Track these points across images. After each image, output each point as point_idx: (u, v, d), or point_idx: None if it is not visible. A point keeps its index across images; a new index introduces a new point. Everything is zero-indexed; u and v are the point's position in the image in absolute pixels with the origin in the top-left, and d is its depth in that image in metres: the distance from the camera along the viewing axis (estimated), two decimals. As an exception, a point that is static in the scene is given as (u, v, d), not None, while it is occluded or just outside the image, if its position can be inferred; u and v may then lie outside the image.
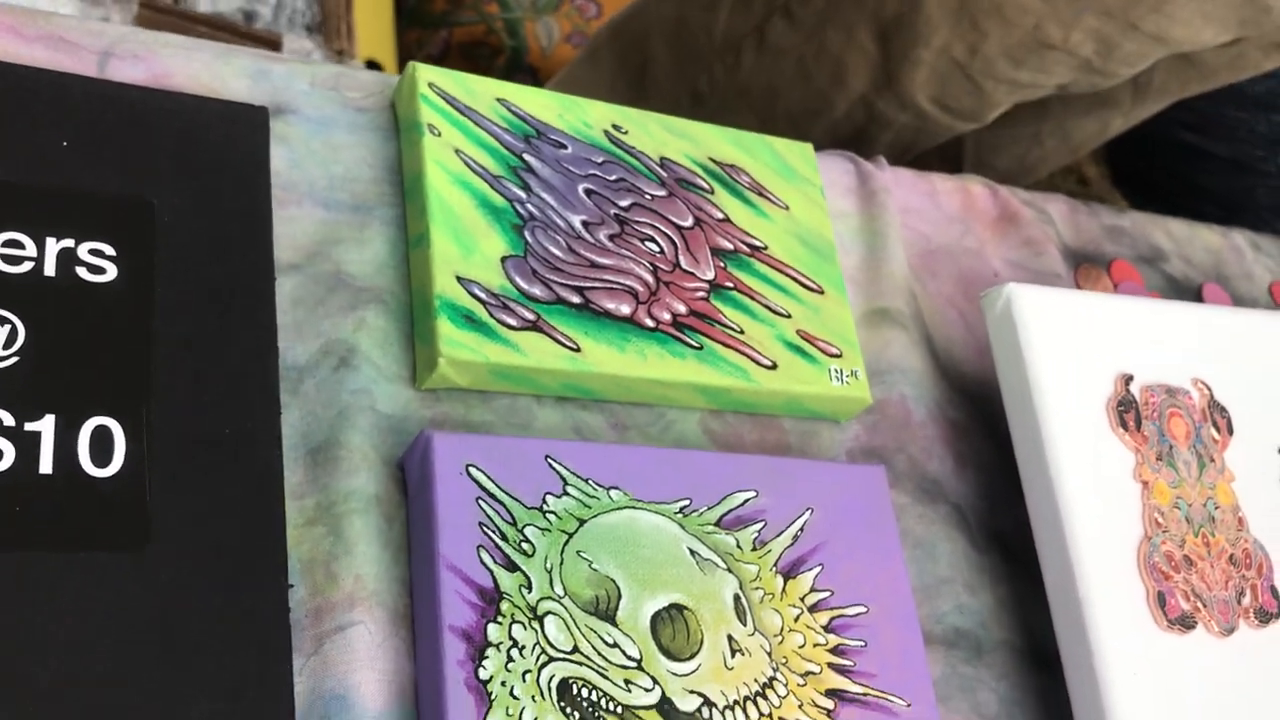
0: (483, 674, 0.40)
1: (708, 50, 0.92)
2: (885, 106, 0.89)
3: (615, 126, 0.55)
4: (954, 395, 0.60)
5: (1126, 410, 0.56)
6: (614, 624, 0.43)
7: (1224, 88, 1.29)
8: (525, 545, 0.43)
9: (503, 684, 0.40)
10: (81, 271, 0.42)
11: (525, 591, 0.42)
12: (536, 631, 0.42)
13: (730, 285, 0.54)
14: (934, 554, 0.55)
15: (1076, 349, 0.56)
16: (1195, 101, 1.31)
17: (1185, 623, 0.53)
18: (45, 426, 0.39)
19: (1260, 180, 1.30)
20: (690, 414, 0.53)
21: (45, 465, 0.39)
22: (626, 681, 0.42)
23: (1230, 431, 0.59)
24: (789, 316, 0.54)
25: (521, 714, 0.40)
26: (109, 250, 0.43)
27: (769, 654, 0.46)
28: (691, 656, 0.44)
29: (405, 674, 0.41)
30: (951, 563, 0.55)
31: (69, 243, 0.43)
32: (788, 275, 0.55)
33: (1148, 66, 0.82)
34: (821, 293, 0.56)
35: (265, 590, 0.40)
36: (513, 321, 0.47)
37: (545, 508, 0.44)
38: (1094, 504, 0.53)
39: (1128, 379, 0.56)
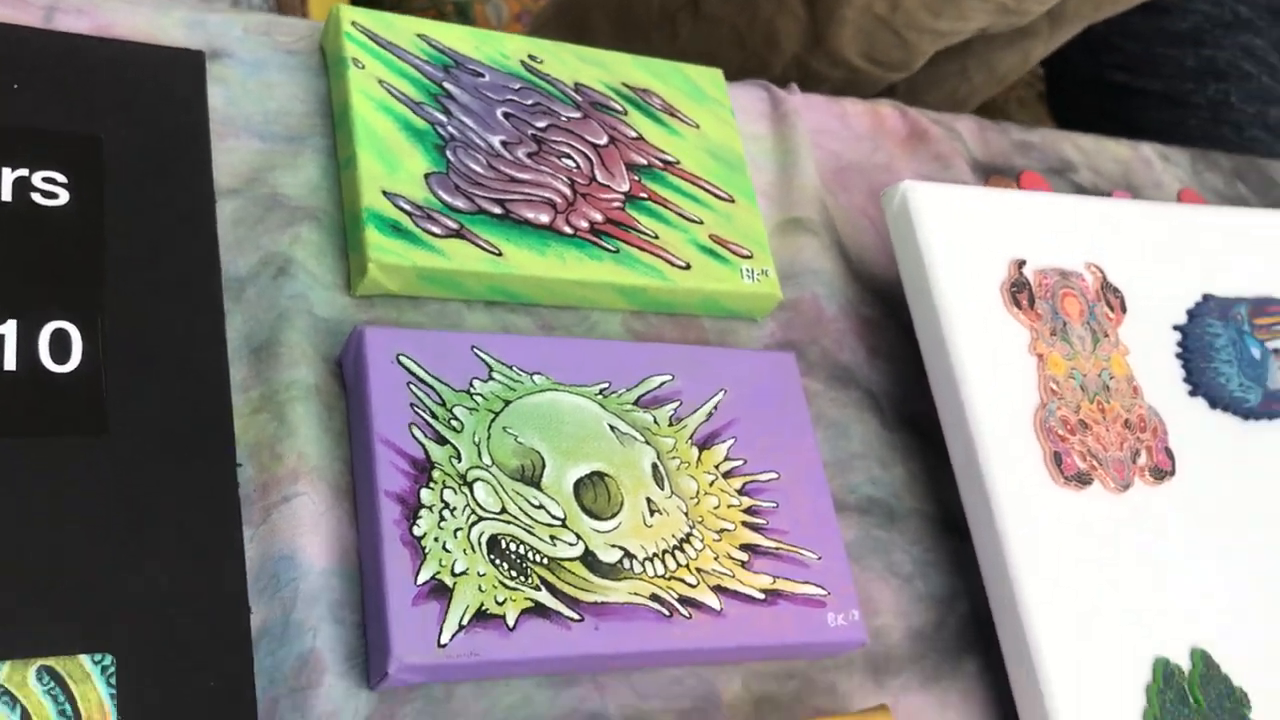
0: (416, 531, 0.44)
1: (646, 22, 0.97)
2: (819, 65, 0.94)
3: (531, 56, 0.59)
4: (866, 295, 0.65)
5: (1020, 291, 0.60)
6: (539, 489, 0.47)
7: (1152, 27, 1.34)
8: (454, 423, 0.47)
9: (435, 539, 0.45)
10: (36, 197, 0.47)
11: (455, 462, 0.47)
12: (466, 495, 0.46)
13: (644, 196, 0.58)
14: (847, 433, 0.59)
15: (971, 239, 0.60)
16: (1126, 44, 1.36)
17: (1081, 479, 0.57)
18: (8, 330, 0.43)
19: (1192, 112, 1.34)
20: (613, 315, 0.57)
21: (10, 363, 0.43)
22: (552, 537, 0.47)
23: (1124, 310, 0.63)
24: (701, 223, 0.59)
25: (453, 565, 0.44)
26: (61, 179, 0.47)
27: (685, 514, 0.50)
28: (613, 516, 0.48)
29: (348, 539, 0.46)
30: (864, 440, 0.59)
31: (23, 172, 0.47)
32: (699, 186, 0.60)
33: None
34: (732, 201, 0.60)
35: (215, 469, 0.44)
36: (437, 230, 0.52)
37: (472, 390, 0.49)
38: (991, 376, 0.57)
39: (1020, 263, 0.61)
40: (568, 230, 0.55)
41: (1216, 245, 0.69)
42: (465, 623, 0.43)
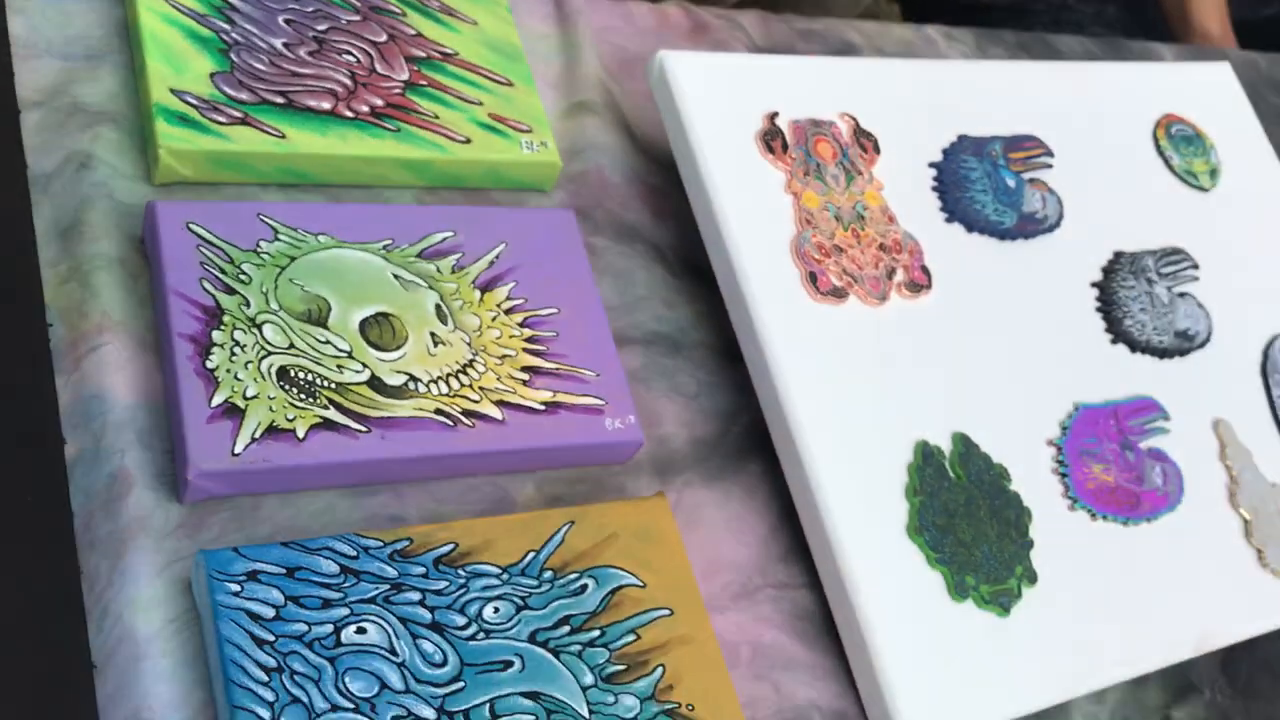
0: (209, 364, 0.50)
1: None
2: None
3: (311, -28, 0.65)
4: (651, 166, 0.71)
5: (773, 138, 0.67)
6: (326, 328, 0.54)
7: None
8: (242, 276, 0.53)
9: (228, 371, 0.50)
10: None
11: (244, 308, 0.53)
12: (256, 335, 0.52)
13: (424, 83, 0.64)
14: (632, 280, 0.65)
15: (726, 98, 0.67)
16: (973, -37, 1.44)
17: (837, 294, 0.64)
18: None
19: (1036, 18, 1.43)
20: (404, 192, 0.63)
21: None
22: (339, 366, 0.53)
23: (878, 151, 0.70)
24: (481, 104, 0.65)
25: (245, 391, 0.50)
26: None
27: (469, 344, 0.56)
28: (397, 348, 0.54)
29: (154, 383, 0.51)
30: (649, 286, 0.66)
31: None
32: (478, 74, 0.66)
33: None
34: (511, 85, 0.67)
35: (27, 328, 0.50)
36: (222, 119, 0.58)
37: (259, 250, 0.55)
38: (749, 214, 0.64)
39: (773, 115, 0.67)
40: (349, 114, 0.61)
41: (973, 93, 0.76)
42: (258, 436, 0.50)
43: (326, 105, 0.60)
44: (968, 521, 0.61)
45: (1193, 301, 0.76)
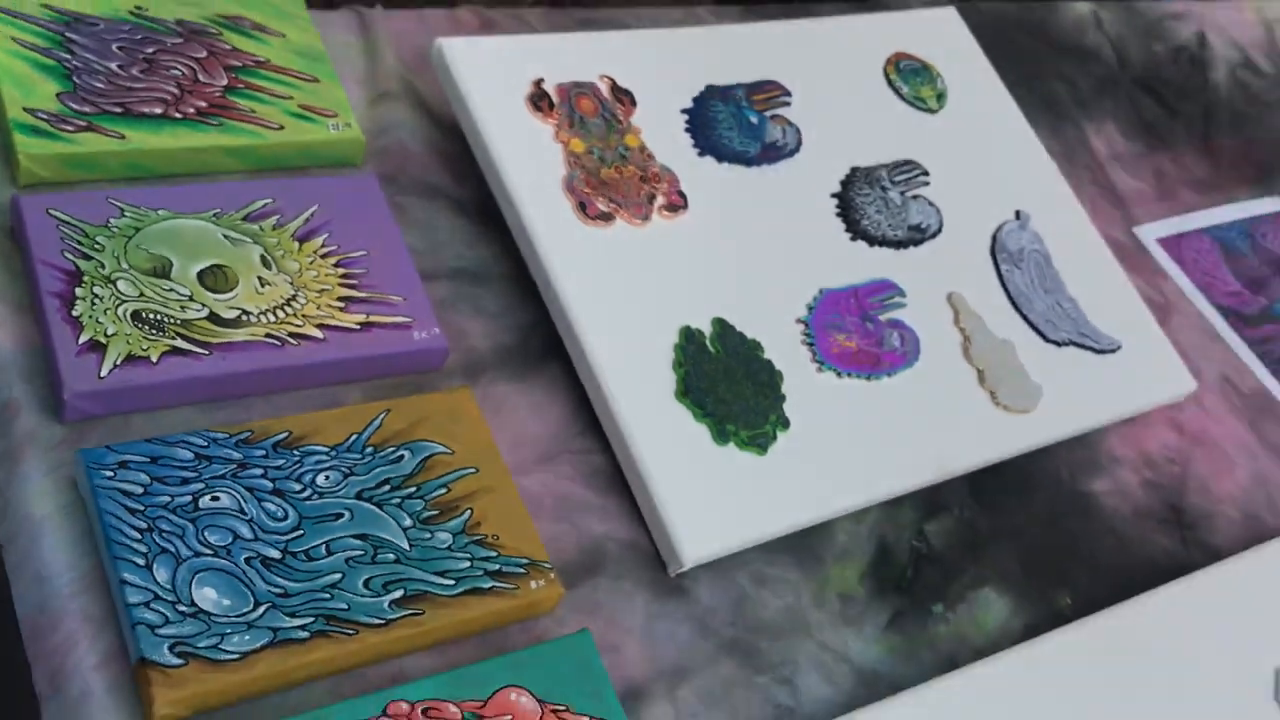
0: (74, 312, 0.62)
1: None
2: None
3: (137, 7, 0.78)
4: (447, 137, 0.84)
5: (540, 99, 0.80)
6: (169, 279, 0.66)
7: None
8: (96, 246, 0.66)
9: (90, 316, 0.63)
10: None
11: (100, 269, 0.65)
12: (111, 289, 0.64)
13: (241, 86, 0.77)
14: (436, 227, 0.79)
15: (497, 71, 0.80)
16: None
17: (605, 218, 0.77)
18: None
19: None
20: (233, 177, 0.76)
21: None
22: (182, 307, 0.65)
23: (634, 104, 0.84)
24: (291, 98, 0.78)
25: (105, 330, 0.63)
26: None
27: (291, 283, 0.69)
28: (230, 291, 0.67)
29: (31, 337, 0.63)
30: (452, 231, 0.79)
31: None
32: (287, 75, 0.79)
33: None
34: (317, 81, 0.80)
35: (-78, 302, 0.62)
36: (70, 128, 0.70)
37: (110, 225, 0.67)
38: (525, 162, 0.77)
39: (539, 81, 0.81)
40: (178, 115, 0.73)
41: (720, 52, 0.90)
42: (119, 363, 0.62)
43: (158, 110, 0.73)
44: (726, 384, 0.74)
45: (924, 201, 0.91)
